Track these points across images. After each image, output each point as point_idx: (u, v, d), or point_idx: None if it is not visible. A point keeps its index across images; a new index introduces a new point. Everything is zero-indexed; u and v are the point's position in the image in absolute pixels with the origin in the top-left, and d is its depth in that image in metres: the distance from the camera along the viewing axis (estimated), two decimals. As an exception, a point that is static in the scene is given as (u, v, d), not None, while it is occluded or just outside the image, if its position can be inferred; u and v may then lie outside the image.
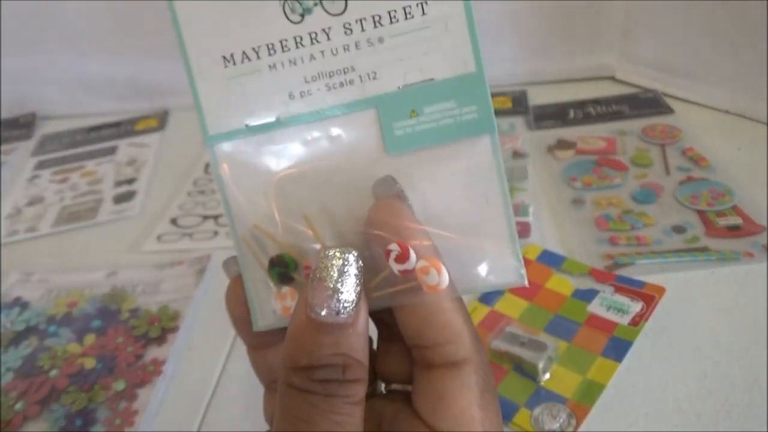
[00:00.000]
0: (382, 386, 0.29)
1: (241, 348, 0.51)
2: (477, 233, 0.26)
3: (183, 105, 0.93)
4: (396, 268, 0.24)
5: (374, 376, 0.29)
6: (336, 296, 0.23)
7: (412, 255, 0.24)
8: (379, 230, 0.24)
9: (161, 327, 0.54)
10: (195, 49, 0.26)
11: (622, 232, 0.57)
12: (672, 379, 0.43)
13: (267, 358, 0.29)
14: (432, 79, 0.25)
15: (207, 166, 0.78)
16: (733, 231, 0.55)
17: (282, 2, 0.26)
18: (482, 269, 0.26)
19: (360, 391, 0.24)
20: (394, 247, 0.24)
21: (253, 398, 0.47)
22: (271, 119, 0.26)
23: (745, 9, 0.67)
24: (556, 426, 0.41)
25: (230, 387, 0.49)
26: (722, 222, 0.56)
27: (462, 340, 0.25)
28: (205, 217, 0.69)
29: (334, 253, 0.23)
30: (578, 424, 0.41)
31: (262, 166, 0.27)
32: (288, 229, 0.26)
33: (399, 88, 0.26)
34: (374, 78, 0.26)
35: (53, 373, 0.51)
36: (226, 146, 0.27)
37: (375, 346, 0.30)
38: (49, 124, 0.96)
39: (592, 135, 0.72)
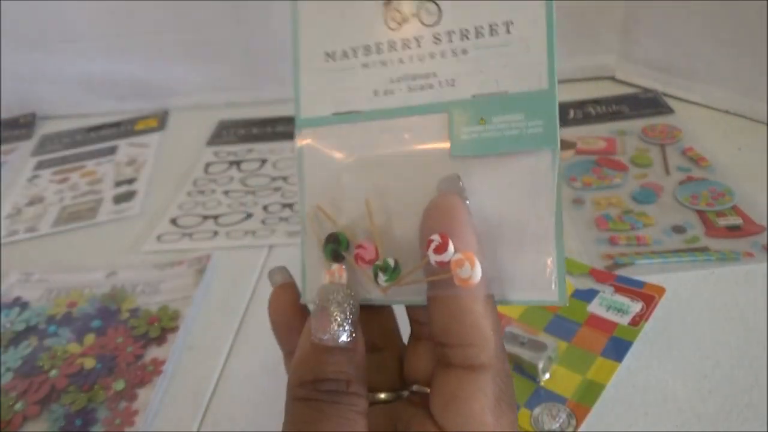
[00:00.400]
0: (405, 393, 0.30)
1: (241, 348, 0.51)
2: (524, 246, 0.27)
3: (183, 105, 0.93)
4: (434, 258, 0.25)
5: (400, 383, 0.30)
6: (336, 324, 0.26)
7: (451, 247, 0.25)
8: (431, 219, 0.26)
9: (161, 327, 0.54)
10: (305, 44, 0.30)
11: (622, 232, 0.57)
12: (672, 379, 0.43)
13: None
14: (505, 92, 0.27)
15: (207, 166, 0.78)
16: (733, 231, 0.55)
17: (386, 11, 0.29)
18: (523, 282, 0.27)
19: (363, 404, 0.25)
20: (435, 238, 0.25)
21: (253, 398, 0.47)
22: (354, 110, 0.29)
23: (745, 9, 0.67)
24: (555, 426, 0.41)
25: (230, 387, 0.49)
26: (722, 222, 0.56)
27: (486, 345, 0.25)
28: (205, 217, 0.69)
29: (333, 289, 0.26)
30: (578, 424, 0.41)
31: (339, 151, 0.29)
32: (348, 212, 0.29)
33: (473, 96, 0.27)
34: (452, 85, 0.28)
35: (53, 373, 0.51)
36: (312, 130, 0.30)
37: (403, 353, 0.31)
38: (49, 124, 0.96)
39: (592, 135, 0.72)
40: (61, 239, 0.70)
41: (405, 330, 0.32)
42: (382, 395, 0.29)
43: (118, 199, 0.75)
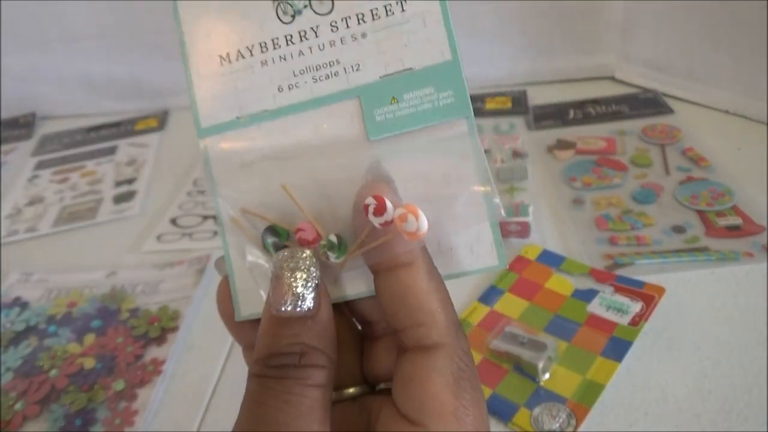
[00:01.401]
0: (374, 387, 0.29)
1: (241, 348, 0.51)
2: (456, 217, 0.27)
3: (183, 105, 0.93)
4: (376, 222, 0.25)
5: (363, 376, 0.30)
6: (292, 291, 0.25)
7: (389, 205, 0.24)
8: (359, 208, 0.25)
9: (161, 327, 0.54)
10: (194, 49, 0.29)
11: (621, 232, 0.57)
12: (672, 379, 0.43)
13: None
14: (411, 69, 0.27)
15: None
16: (733, 231, 0.55)
17: (275, 5, 0.28)
18: (461, 253, 0.27)
19: (317, 376, 0.24)
20: (370, 201, 0.25)
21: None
22: (260, 111, 0.28)
23: (745, 9, 0.67)
24: (555, 426, 0.41)
25: (230, 387, 0.49)
26: (722, 222, 0.56)
27: (434, 323, 0.25)
28: (205, 217, 0.69)
29: (289, 253, 0.25)
30: (578, 424, 0.41)
31: (251, 154, 0.28)
32: (277, 208, 0.28)
33: (380, 78, 0.28)
34: (357, 70, 0.28)
35: (53, 372, 0.51)
36: (216, 137, 0.29)
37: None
38: (49, 124, 0.96)
39: (591, 135, 0.72)
40: (61, 239, 0.70)
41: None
42: (351, 390, 0.29)
43: (118, 199, 0.75)
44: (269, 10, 0.28)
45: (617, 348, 0.45)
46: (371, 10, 0.28)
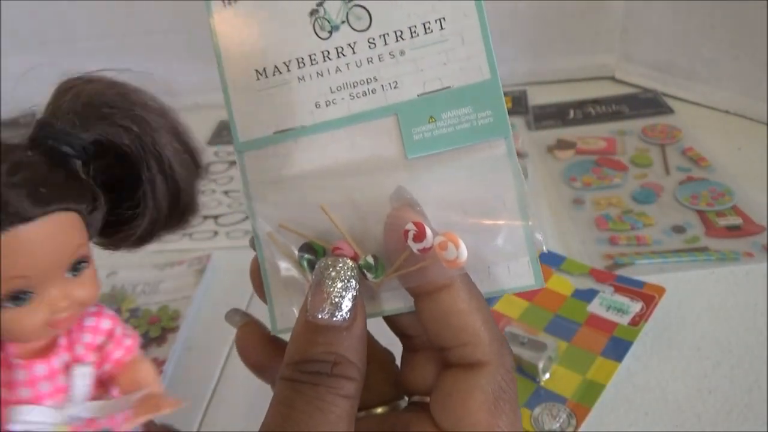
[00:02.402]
0: (402, 403, 0.29)
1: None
2: (493, 236, 0.27)
3: (183, 105, 0.93)
4: (415, 247, 0.25)
5: (397, 394, 0.30)
6: (331, 300, 0.25)
7: (429, 232, 0.24)
8: (392, 233, 0.26)
9: (161, 327, 0.54)
10: (231, 63, 0.29)
11: (622, 232, 0.57)
12: (672, 379, 0.43)
13: None
14: (449, 87, 0.27)
15: (207, 166, 0.78)
16: (733, 231, 0.55)
17: (312, 20, 0.28)
18: (498, 272, 0.27)
19: (349, 387, 0.24)
20: (410, 227, 0.25)
21: (253, 398, 0.47)
22: (297, 126, 0.28)
23: (745, 9, 0.67)
24: (556, 426, 0.41)
25: (230, 387, 0.49)
26: (722, 222, 0.56)
27: (479, 342, 0.25)
28: (205, 217, 0.69)
29: (331, 261, 0.25)
30: (578, 424, 0.41)
31: (288, 170, 0.28)
32: (312, 225, 0.28)
33: (418, 96, 0.27)
34: (395, 87, 0.28)
35: (53, 373, 0.51)
36: (254, 152, 0.29)
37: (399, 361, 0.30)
38: (49, 124, 0.96)
39: (592, 135, 0.72)
40: (61, 239, 0.70)
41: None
42: (378, 410, 0.29)
43: (118, 199, 0.75)
44: (306, 26, 0.28)
45: (617, 348, 0.45)
46: (410, 28, 0.27)
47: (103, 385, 0.27)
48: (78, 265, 0.26)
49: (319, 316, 0.25)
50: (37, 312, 0.24)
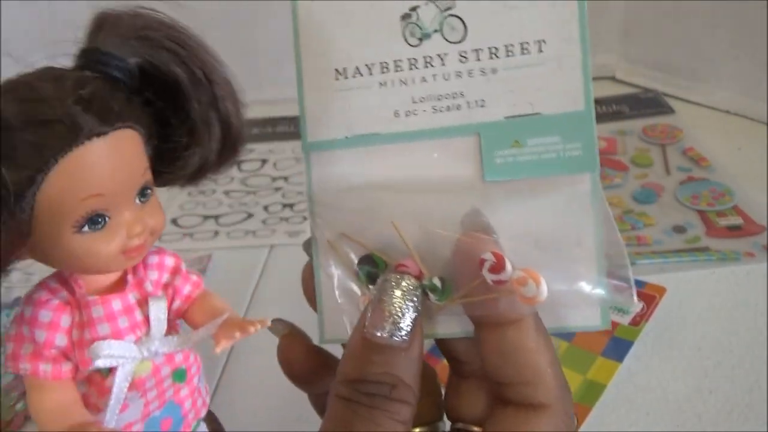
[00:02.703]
0: (447, 425, 0.29)
1: (242, 348, 0.51)
2: (564, 273, 0.25)
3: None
4: (490, 278, 0.23)
5: (437, 415, 0.29)
6: (392, 319, 0.24)
7: (508, 265, 0.23)
8: (463, 258, 0.24)
9: (162, 327, 0.54)
10: (309, 58, 0.27)
11: (622, 232, 0.57)
12: (673, 379, 0.43)
13: None
14: (539, 114, 0.26)
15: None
16: (734, 231, 0.55)
17: (403, 25, 0.26)
18: (565, 309, 0.26)
19: (405, 412, 0.24)
20: (488, 257, 0.23)
21: (253, 399, 0.47)
22: (372, 133, 0.27)
23: (746, 9, 0.67)
24: (556, 426, 0.41)
25: (230, 387, 0.49)
26: (723, 222, 0.56)
27: (543, 383, 0.24)
28: (206, 217, 0.69)
29: (396, 279, 0.24)
30: (579, 424, 0.41)
31: (356, 177, 0.27)
32: (375, 238, 0.27)
33: (505, 118, 0.26)
34: (482, 106, 0.26)
35: (54, 373, 0.51)
36: (322, 153, 0.27)
37: (444, 384, 0.30)
38: (50, 124, 0.96)
39: (592, 135, 0.72)
40: (61, 239, 0.70)
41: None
42: (417, 430, 0.28)
43: (119, 199, 0.75)
44: (396, 30, 0.27)
45: (618, 348, 0.45)
46: (506, 46, 0.26)
47: (170, 323, 0.27)
48: (145, 191, 0.25)
49: (378, 334, 0.24)
50: (114, 237, 0.24)
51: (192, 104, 0.25)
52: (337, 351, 0.28)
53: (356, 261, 0.27)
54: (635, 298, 0.25)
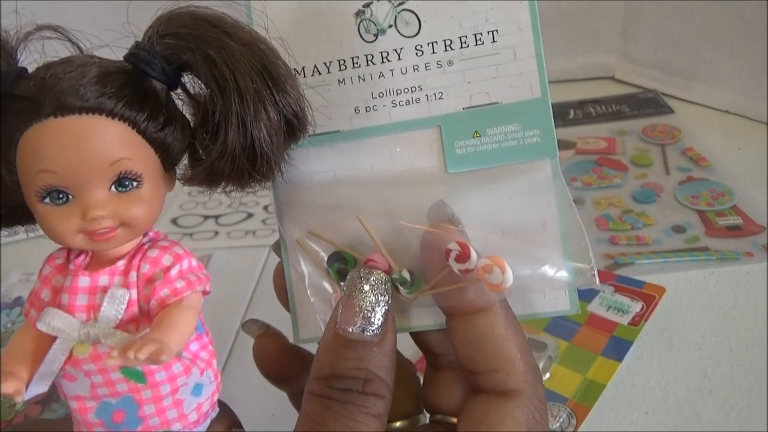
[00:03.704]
0: (426, 419, 0.29)
1: (241, 348, 0.51)
2: (531, 258, 0.25)
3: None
4: (456, 267, 0.24)
5: (418, 408, 0.29)
6: (363, 314, 0.24)
7: (473, 253, 0.23)
8: (431, 249, 0.25)
9: (162, 327, 0.54)
10: None
11: (622, 232, 0.57)
12: (672, 378, 0.43)
13: None
14: (497, 103, 0.26)
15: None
16: (733, 231, 0.55)
17: (358, 21, 0.27)
18: (533, 295, 0.26)
19: (379, 406, 0.24)
20: (453, 246, 0.24)
21: (253, 399, 0.47)
22: (334, 130, 0.27)
23: (745, 9, 0.67)
24: (556, 426, 0.41)
25: (230, 387, 0.48)
26: (722, 222, 0.56)
27: (513, 370, 0.24)
28: (206, 217, 0.69)
29: (365, 274, 0.24)
30: (578, 423, 0.41)
31: (322, 175, 0.27)
32: (343, 234, 0.27)
33: (464, 109, 0.26)
34: (440, 98, 0.26)
35: (54, 372, 0.51)
36: (287, 153, 0.27)
37: (422, 379, 0.30)
38: (50, 124, 0.96)
39: (592, 135, 0.72)
40: (61, 239, 0.70)
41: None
42: (397, 424, 0.28)
43: (119, 199, 0.75)
44: (351, 26, 0.27)
45: (618, 348, 0.45)
46: (460, 38, 0.26)
47: (148, 322, 0.26)
48: (125, 181, 0.25)
49: (350, 330, 0.24)
50: (69, 215, 0.24)
51: (214, 116, 0.24)
52: (314, 349, 0.27)
53: (326, 258, 0.27)
54: (597, 278, 0.25)
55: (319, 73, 0.27)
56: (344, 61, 0.27)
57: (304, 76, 0.27)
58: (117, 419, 0.26)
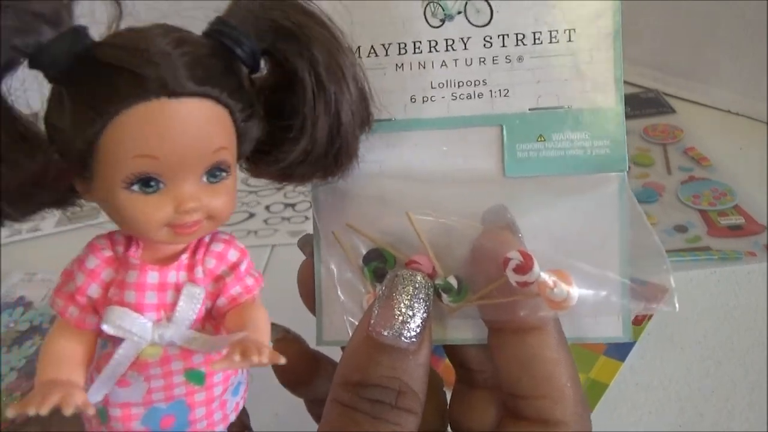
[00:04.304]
0: None
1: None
2: (586, 279, 0.23)
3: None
4: (514, 278, 0.22)
5: (443, 425, 0.27)
6: (401, 319, 0.22)
7: (536, 266, 0.22)
8: (485, 257, 0.23)
9: (164, 327, 0.54)
10: None
11: (623, 231, 0.57)
12: (674, 378, 0.43)
13: None
14: (568, 107, 0.24)
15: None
16: (735, 230, 0.55)
17: (425, 4, 0.25)
18: (585, 318, 0.25)
19: (411, 423, 0.22)
20: (514, 255, 0.22)
21: (257, 398, 0.47)
22: (386, 118, 0.25)
23: (745, 9, 0.67)
24: (558, 425, 0.41)
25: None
26: (724, 221, 0.56)
27: (562, 399, 0.22)
28: (208, 217, 0.69)
29: (408, 275, 0.22)
30: (581, 423, 0.41)
31: (366, 165, 0.25)
32: (386, 230, 0.25)
33: (530, 110, 0.24)
34: (505, 95, 0.25)
35: (56, 372, 0.51)
36: None
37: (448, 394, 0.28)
38: (51, 124, 0.96)
39: (593, 135, 0.72)
40: (64, 239, 0.70)
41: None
42: None
43: (121, 199, 0.75)
44: (417, 8, 0.25)
45: (620, 347, 0.45)
46: (534, 33, 0.24)
47: (211, 321, 0.24)
48: (217, 172, 0.23)
49: (385, 333, 0.22)
50: (162, 206, 0.22)
51: (304, 103, 0.23)
52: (335, 354, 0.26)
53: (363, 255, 0.25)
54: (677, 304, 0.24)
55: (376, 55, 0.25)
56: (405, 44, 0.25)
57: (359, 56, 0.25)
58: (165, 425, 0.24)
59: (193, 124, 0.21)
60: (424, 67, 0.25)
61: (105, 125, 0.20)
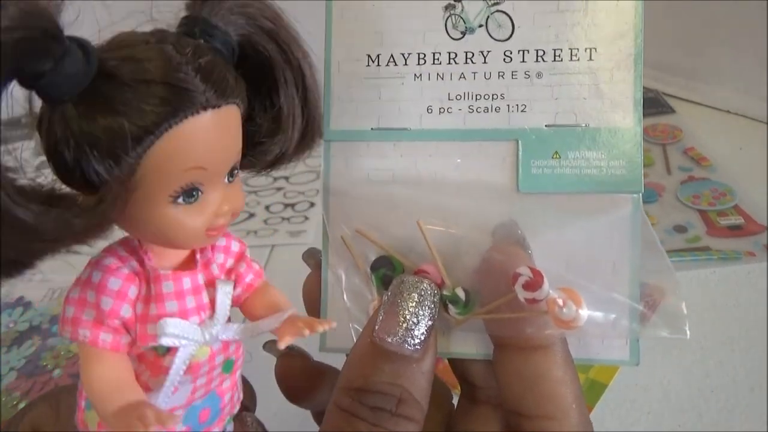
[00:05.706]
0: None
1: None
2: (595, 300, 0.23)
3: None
4: (523, 295, 0.22)
5: None
6: (406, 325, 0.22)
7: (546, 283, 0.21)
8: (495, 270, 0.23)
9: (164, 327, 0.54)
10: (340, 40, 0.25)
11: (623, 231, 0.57)
12: (674, 378, 0.43)
13: None
14: (585, 125, 0.24)
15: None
16: (735, 230, 0.55)
17: (446, 15, 0.25)
18: (592, 339, 0.24)
19: (412, 430, 0.21)
20: (524, 271, 0.22)
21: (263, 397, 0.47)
22: (400, 127, 0.25)
23: (745, 9, 0.67)
24: (558, 425, 0.41)
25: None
26: (723, 221, 0.56)
27: (566, 420, 0.22)
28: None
29: (414, 281, 0.22)
30: (580, 423, 0.41)
31: (380, 172, 0.25)
32: (395, 238, 0.25)
33: (546, 126, 0.24)
34: (523, 110, 0.25)
35: (56, 372, 0.51)
36: (344, 144, 0.26)
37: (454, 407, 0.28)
38: (51, 124, 0.96)
39: (593, 135, 0.72)
40: (63, 239, 0.70)
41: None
42: None
43: (120, 199, 0.75)
44: (438, 20, 0.25)
45: (619, 347, 0.45)
46: (554, 50, 0.24)
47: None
48: (234, 171, 0.23)
49: (389, 339, 0.22)
50: (203, 213, 0.22)
51: (282, 90, 0.23)
52: (340, 362, 0.26)
53: (371, 262, 0.25)
54: (688, 332, 0.24)
55: (395, 64, 0.25)
56: (424, 55, 0.25)
57: (378, 65, 0.25)
58: (203, 419, 0.25)
59: (230, 130, 0.22)
60: (443, 79, 0.25)
61: (153, 141, 0.20)
